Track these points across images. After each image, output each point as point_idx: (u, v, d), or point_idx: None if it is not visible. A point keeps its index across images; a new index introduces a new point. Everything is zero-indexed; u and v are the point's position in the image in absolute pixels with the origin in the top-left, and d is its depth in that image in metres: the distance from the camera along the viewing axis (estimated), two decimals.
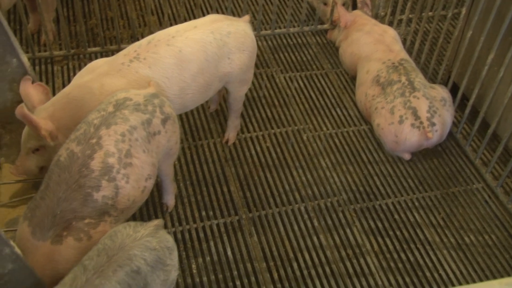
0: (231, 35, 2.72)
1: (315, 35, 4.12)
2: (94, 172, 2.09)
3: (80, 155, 2.10)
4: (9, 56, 2.57)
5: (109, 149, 2.13)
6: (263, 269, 2.64)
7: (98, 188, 2.10)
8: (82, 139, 2.14)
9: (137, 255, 1.89)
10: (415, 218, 2.93)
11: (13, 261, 1.82)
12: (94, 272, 1.80)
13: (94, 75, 2.49)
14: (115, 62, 2.53)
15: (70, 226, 2.06)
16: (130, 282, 1.84)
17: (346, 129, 3.41)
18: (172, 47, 2.56)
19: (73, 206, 2.06)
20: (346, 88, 3.70)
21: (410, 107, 3.09)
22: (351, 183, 3.09)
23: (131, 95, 2.29)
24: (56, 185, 2.07)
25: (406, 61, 3.35)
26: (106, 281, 1.79)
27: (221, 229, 2.79)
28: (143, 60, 2.51)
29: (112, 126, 2.16)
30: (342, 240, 2.80)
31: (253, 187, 3.01)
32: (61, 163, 2.10)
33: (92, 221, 2.09)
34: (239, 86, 2.94)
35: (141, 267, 1.89)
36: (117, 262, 1.84)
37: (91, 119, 2.20)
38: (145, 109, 2.27)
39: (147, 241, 1.95)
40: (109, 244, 1.90)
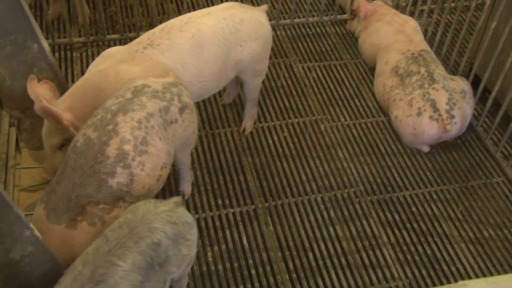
0: (244, 23, 2.70)
1: (335, 25, 4.08)
2: (110, 158, 2.10)
3: (96, 141, 2.11)
4: (30, 41, 2.58)
5: (125, 136, 2.13)
6: (279, 258, 2.64)
7: (113, 175, 2.10)
8: (98, 125, 2.14)
9: (158, 228, 1.91)
10: (433, 211, 2.90)
11: (32, 243, 1.84)
12: (116, 243, 1.82)
13: (109, 63, 2.50)
14: (129, 50, 2.54)
15: (85, 211, 2.08)
16: (151, 253, 1.86)
17: (364, 120, 3.38)
18: (185, 33, 2.56)
19: (88, 191, 2.07)
20: (365, 78, 3.67)
21: (429, 99, 3.05)
22: (368, 174, 3.06)
23: (149, 82, 2.29)
24: (72, 170, 2.08)
25: (426, 52, 3.30)
26: (128, 252, 1.81)
27: (237, 218, 2.79)
28: (157, 47, 2.52)
29: (129, 113, 2.17)
30: (359, 232, 2.78)
31: (269, 176, 3.00)
32: (77, 149, 2.12)
33: (107, 206, 2.11)
34: (252, 77, 2.92)
35: (161, 240, 1.91)
36: (138, 234, 1.87)
37: (108, 105, 2.20)
38: (163, 96, 2.26)
39: (168, 215, 1.96)
40: (131, 217, 1.92)
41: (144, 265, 1.83)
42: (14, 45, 2.57)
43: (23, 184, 2.77)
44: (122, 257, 1.79)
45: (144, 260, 1.83)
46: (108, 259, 1.77)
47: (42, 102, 2.25)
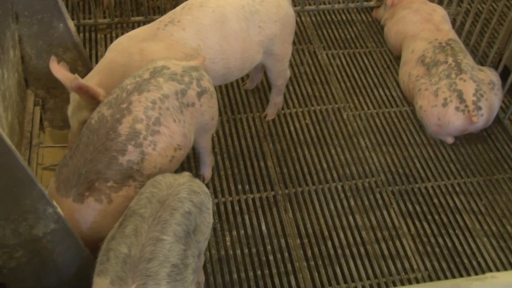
0: (263, 3, 2.68)
1: (360, 12, 4.02)
2: (121, 136, 2.11)
3: (109, 118, 2.12)
4: (56, 21, 2.60)
5: (138, 115, 2.14)
6: (297, 245, 2.63)
7: (123, 152, 2.11)
8: (113, 103, 2.16)
9: (186, 198, 1.95)
10: (455, 203, 2.86)
11: (55, 221, 1.86)
12: (153, 218, 1.85)
13: (133, 42, 2.52)
14: (151, 28, 2.57)
15: (93, 186, 2.09)
16: (186, 222, 1.90)
17: (387, 110, 3.33)
18: (205, 8, 2.56)
19: (98, 167, 2.08)
20: (390, 67, 3.61)
21: (456, 89, 2.98)
22: (390, 164, 3.03)
23: (170, 64, 2.29)
24: (85, 146, 2.11)
25: (454, 42, 3.23)
26: (167, 225, 1.84)
27: (256, 204, 2.79)
28: (177, 23, 2.53)
29: (144, 93, 2.17)
30: (379, 222, 2.76)
31: (290, 163, 2.99)
32: (91, 126, 2.14)
33: (115, 185, 2.11)
34: (274, 61, 2.88)
35: (191, 208, 1.95)
36: (171, 206, 1.90)
37: (125, 85, 2.22)
38: (181, 79, 2.26)
39: (190, 185, 2.00)
40: (157, 192, 1.94)
41: (183, 234, 1.88)
42: (41, 24, 2.59)
43: (45, 163, 2.80)
44: (164, 231, 1.82)
45: (182, 230, 1.88)
46: (151, 236, 1.80)
47: (78, 80, 2.28)
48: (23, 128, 2.61)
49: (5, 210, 1.76)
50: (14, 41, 2.49)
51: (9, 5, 2.39)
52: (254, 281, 2.48)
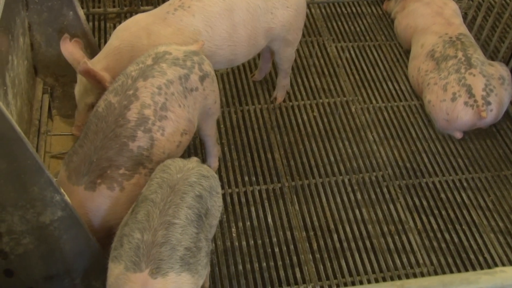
0: None
1: (371, 5, 3.98)
2: (130, 122, 2.11)
3: (117, 105, 2.13)
4: (66, 8, 2.60)
5: (145, 100, 2.14)
6: (303, 238, 2.63)
7: (133, 138, 2.12)
8: (119, 90, 2.16)
9: (196, 182, 1.96)
10: (462, 198, 2.84)
11: (62, 208, 1.87)
12: (164, 203, 1.86)
13: (141, 25, 2.51)
14: (160, 11, 2.55)
15: (105, 174, 2.09)
16: (197, 205, 1.92)
17: (396, 104, 3.31)
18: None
19: (109, 154, 2.09)
20: (399, 61, 3.58)
21: (465, 84, 2.96)
22: (398, 158, 3.01)
23: (171, 49, 2.29)
24: (94, 134, 2.11)
25: (464, 36, 3.20)
26: (178, 208, 1.86)
27: (263, 196, 2.79)
28: (188, 8, 2.52)
29: (149, 79, 2.17)
30: (385, 216, 2.75)
31: (297, 155, 2.98)
32: (99, 114, 2.15)
33: (127, 172, 2.12)
34: (283, 46, 2.88)
35: (201, 192, 1.96)
36: (181, 190, 1.91)
37: (129, 71, 2.22)
38: (183, 64, 2.26)
39: (200, 169, 2.02)
40: (167, 176, 1.96)
41: (195, 217, 1.89)
42: (51, 11, 2.59)
43: (53, 151, 2.81)
44: (176, 215, 1.84)
45: (193, 213, 1.89)
46: (163, 220, 1.82)
47: (86, 64, 2.29)
48: (31, 116, 2.62)
49: (13, 197, 1.78)
50: (24, 28, 2.50)
51: None
52: (259, 273, 2.49)
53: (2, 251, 1.90)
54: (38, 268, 2.01)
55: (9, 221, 1.83)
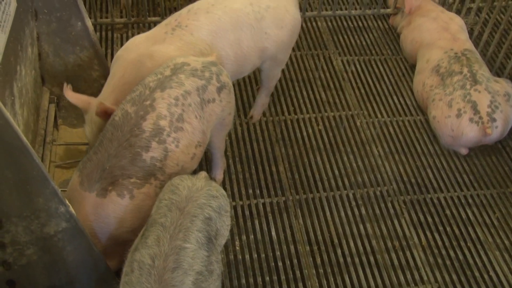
0: (269, 10, 2.65)
1: (377, 19, 4.00)
2: (145, 132, 2.12)
3: (133, 115, 2.13)
4: (75, 19, 2.61)
5: (161, 111, 2.15)
6: (306, 252, 2.62)
7: (147, 149, 2.12)
8: (137, 100, 2.17)
9: (205, 204, 1.94)
10: (467, 215, 2.83)
11: (67, 220, 1.87)
12: (174, 227, 1.85)
13: (141, 50, 2.49)
14: (158, 32, 2.55)
15: (116, 182, 2.10)
16: (207, 228, 1.90)
17: (401, 118, 3.31)
18: (212, 14, 2.55)
19: (122, 163, 2.09)
20: (405, 75, 3.58)
21: (470, 100, 2.95)
22: (403, 173, 3.00)
23: (189, 60, 2.30)
24: (109, 142, 2.11)
25: (470, 52, 3.20)
26: (188, 232, 1.84)
27: (267, 209, 2.78)
28: (185, 28, 2.52)
29: (167, 90, 2.18)
30: (389, 231, 2.73)
31: (302, 169, 2.97)
32: (115, 122, 2.15)
33: (138, 181, 2.12)
34: (273, 65, 2.87)
35: (211, 213, 1.94)
36: (191, 213, 1.89)
37: (147, 82, 2.23)
38: (201, 75, 2.27)
39: (209, 189, 2.00)
40: (176, 198, 1.94)
41: (205, 241, 1.88)
42: (59, 22, 2.61)
43: (59, 160, 2.81)
44: (186, 239, 1.82)
45: (204, 236, 1.88)
46: (174, 245, 1.80)
47: (104, 105, 2.29)
48: (37, 125, 2.62)
49: (18, 208, 1.77)
50: (32, 38, 2.51)
51: (29, 2, 2.40)
52: (262, 287, 2.47)
53: (6, 261, 1.89)
54: (41, 279, 2.01)
55: (13, 232, 1.83)
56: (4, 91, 2.00)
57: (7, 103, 2.02)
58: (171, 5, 3.87)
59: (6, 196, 1.73)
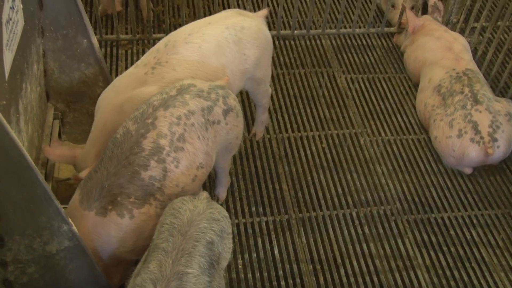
0: (244, 31, 2.64)
1: (381, 37, 4.01)
2: (144, 151, 2.11)
3: (134, 133, 2.13)
4: (81, 36, 2.63)
5: (162, 130, 2.14)
6: (309, 271, 2.60)
7: (146, 167, 2.11)
8: (139, 118, 2.16)
9: (207, 227, 1.93)
10: (472, 235, 2.81)
11: (69, 238, 1.86)
12: (176, 252, 1.84)
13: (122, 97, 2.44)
14: (138, 75, 2.48)
15: (116, 201, 2.09)
16: (209, 253, 1.89)
17: (405, 137, 3.31)
18: (192, 44, 2.50)
19: (120, 181, 2.09)
20: (409, 94, 3.59)
21: (471, 120, 2.95)
22: (407, 192, 2.99)
23: (196, 82, 2.30)
24: (109, 160, 2.11)
25: (472, 72, 3.20)
26: (190, 257, 1.83)
27: (269, 227, 2.76)
28: (166, 64, 2.46)
29: (170, 108, 2.17)
30: (393, 251, 2.72)
31: (305, 187, 2.96)
32: (116, 140, 2.15)
33: (137, 201, 2.11)
34: (255, 84, 2.83)
35: (213, 237, 1.93)
36: (193, 238, 1.89)
37: (152, 100, 2.22)
38: (207, 96, 2.26)
39: (210, 212, 1.98)
40: (177, 222, 1.93)
41: (207, 266, 1.87)
42: (65, 39, 2.62)
43: (62, 177, 2.81)
44: (188, 264, 1.81)
45: (206, 262, 1.87)
46: (176, 270, 1.79)
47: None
48: (41, 141, 2.63)
49: (21, 226, 1.77)
50: (38, 55, 2.53)
51: (36, 20, 2.42)
52: None
53: (7, 280, 1.88)
54: None
55: (15, 250, 1.82)
56: (10, 109, 2.01)
57: (12, 121, 2.02)
58: (176, 22, 3.89)
59: (9, 214, 1.73)
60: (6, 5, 1.87)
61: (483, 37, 3.64)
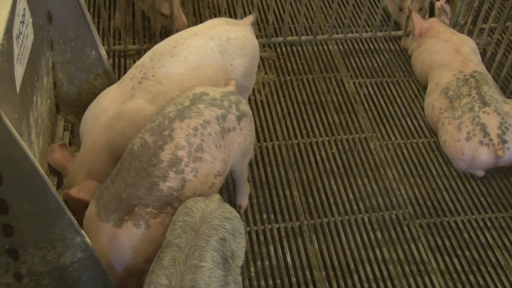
0: (230, 41, 2.62)
1: (388, 41, 4.00)
2: (163, 162, 2.12)
3: (152, 145, 2.14)
4: (89, 48, 2.65)
5: (179, 142, 2.15)
6: (322, 278, 2.59)
7: (164, 179, 2.12)
8: (156, 130, 2.18)
9: (219, 225, 1.96)
10: (486, 239, 2.78)
11: (83, 250, 1.87)
12: (189, 247, 1.86)
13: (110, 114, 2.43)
14: (124, 89, 2.48)
15: (132, 211, 2.10)
16: (222, 248, 1.92)
17: (415, 140, 3.29)
18: (177, 57, 2.50)
19: (139, 192, 2.09)
20: (418, 97, 3.57)
21: (479, 123, 2.92)
22: (419, 196, 2.97)
23: (208, 90, 2.32)
24: (126, 171, 2.13)
25: (479, 74, 3.17)
26: (203, 252, 1.86)
27: (281, 234, 2.75)
28: (152, 78, 2.46)
29: (186, 120, 2.19)
30: (406, 256, 2.69)
31: (316, 193, 2.95)
32: (133, 151, 2.17)
33: (154, 211, 2.12)
34: (242, 92, 2.79)
35: (225, 235, 1.96)
36: (205, 234, 1.91)
37: (167, 112, 2.24)
38: (220, 104, 2.28)
39: (222, 211, 2.01)
40: (190, 220, 1.95)
41: (220, 260, 1.89)
42: (74, 51, 2.64)
43: None
44: (202, 258, 1.84)
45: (219, 256, 1.89)
46: (190, 264, 1.81)
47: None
48: None
49: (34, 238, 1.78)
50: (48, 68, 2.54)
51: (45, 33, 2.44)
52: None
53: None
54: None
55: (29, 262, 1.83)
56: (21, 122, 2.02)
57: (24, 134, 2.04)
58: None
59: (23, 227, 1.74)
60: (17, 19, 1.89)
61: (492, 38, 3.62)
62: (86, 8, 2.55)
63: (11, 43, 1.84)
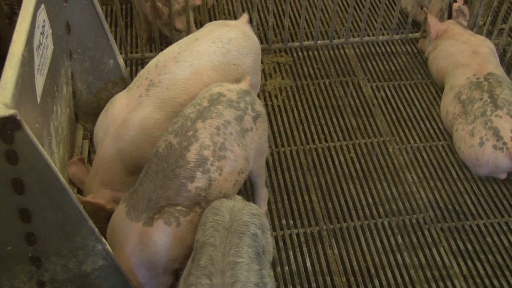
0: (232, 41, 2.63)
1: (405, 43, 3.97)
2: (190, 163, 2.15)
3: (177, 146, 2.17)
4: (107, 57, 2.68)
5: (204, 141, 2.18)
6: (343, 283, 2.57)
7: (192, 179, 2.15)
8: (179, 131, 2.21)
9: (249, 221, 2.00)
10: (510, 242, 2.73)
11: (104, 257, 1.88)
12: (224, 245, 1.90)
13: (119, 123, 2.46)
14: (131, 97, 2.50)
15: (163, 210, 2.13)
16: (255, 244, 1.96)
17: (435, 143, 3.25)
18: (182, 63, 2.51)
19: (167, 194, 2.13)
20: (436, 99, 3.54)
21: (491, 127, 2.87)
22: (439, 200, 2.93)
23: (224, 90, 2.34)
24: (154, 173, 2.16)
25: (493, 76, 3.10)
26: (239, 248, 1.89)
27: (301, 239, 2.74)
28: (159, 84, 2.48)
29: (208, 120, 2.22)
30: (428, 260, 2.66)
31: (335, 198, 2.94)
32: (159, 154, 2.19)
33: (184, 209, 2.15)
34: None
35: (256, 230, 2.00)
36: (238, 231, 1.95)
37: (187, 113, 2.27)
38: (237, 106, 2.31)
39: (250, 208, 2.06)
40: (220, 219, 1.99)
41: (255, 255, 1.92)
42: (92, 60, 2.67)
43: None
44: (238, 254, 1.87)
45: (253, 251, 1.93)
46: (228, 261, 1.84)
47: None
48: None
49: (56, 246, 1.80)
50: (67, 77, 2.58)
51: (64, 43, 2.48)
52: None
53: None
54: None
55: (52, 270, 1.85)
56: (42, 132, 2.05)
57: (44, 143, 2.06)
58: None
59: (45, 236, 1.76)
60: (37, 31, 1.92)
61: (511, 38, 3.57)
62: (104, 18, 2.58)
63: (32, 54, 1.87)
